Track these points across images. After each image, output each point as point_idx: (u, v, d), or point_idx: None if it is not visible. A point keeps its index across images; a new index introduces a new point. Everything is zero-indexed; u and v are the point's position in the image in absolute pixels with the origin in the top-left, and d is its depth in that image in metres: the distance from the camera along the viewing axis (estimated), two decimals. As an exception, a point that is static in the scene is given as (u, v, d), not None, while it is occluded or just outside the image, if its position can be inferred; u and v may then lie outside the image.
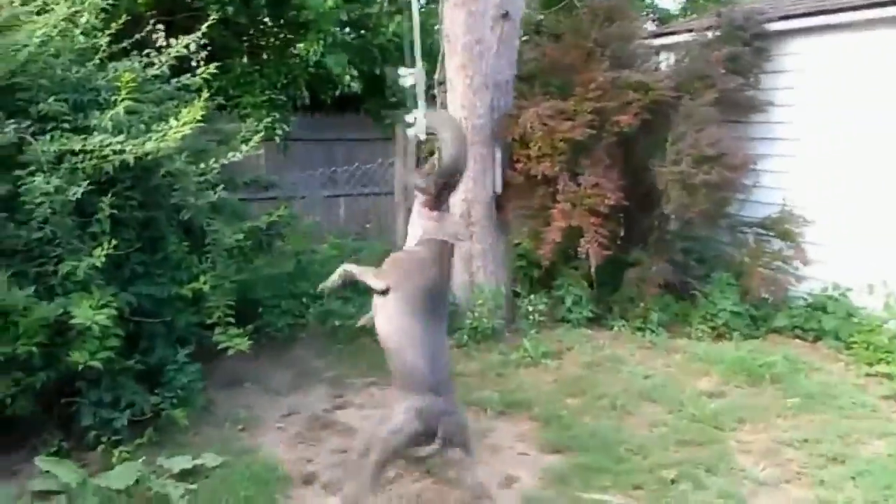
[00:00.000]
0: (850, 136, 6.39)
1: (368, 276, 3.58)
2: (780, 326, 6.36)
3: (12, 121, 3.85)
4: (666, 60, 7.70)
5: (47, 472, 3.70)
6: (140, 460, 3.92)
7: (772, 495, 3.92)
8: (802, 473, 4.14)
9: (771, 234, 6.48)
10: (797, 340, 6.26)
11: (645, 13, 12.64)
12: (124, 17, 4.92)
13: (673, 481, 3.99)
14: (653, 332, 6.27)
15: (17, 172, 3.79)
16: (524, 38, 7.08)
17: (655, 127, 6.30)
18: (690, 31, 7.25)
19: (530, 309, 6.30)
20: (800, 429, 4.64)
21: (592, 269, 6.15)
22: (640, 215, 6.67)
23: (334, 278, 3.68)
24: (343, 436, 4.49)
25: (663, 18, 13.14)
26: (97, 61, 4.61)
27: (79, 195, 3.77)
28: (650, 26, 11.02)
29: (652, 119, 6.20)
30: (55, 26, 4.37)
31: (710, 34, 6.89)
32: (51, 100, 4.08)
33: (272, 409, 4.85)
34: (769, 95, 6.84)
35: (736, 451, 4.37)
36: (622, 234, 6.71)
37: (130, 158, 3.86)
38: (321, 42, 8.37)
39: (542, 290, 6.66)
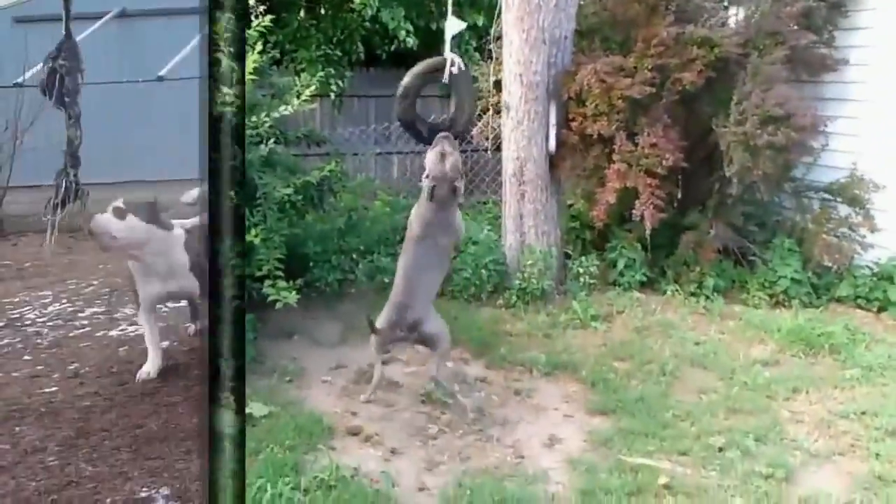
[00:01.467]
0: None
1: None
2: (843, 296, 6.10)
3: None
4: (735, 15, 7.36)
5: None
6: (190, 406, 4.05)
7: (823, 467, 3.81)
8: (857, 446, 4.00)
9: (838, 199, 6.20)
10: (860, 311, 6.01)
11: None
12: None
13: (720, 449, 3.91)
14: (707, 297, 6.09)
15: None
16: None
17: (720, 85, 6.04)
18: (762, -17, 6.89)
19: (581, 271, 6.20)
20: (857, 401, 4.48)
21: (647, 232, 5.98)
22: (700, 177, 6.44)
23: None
24: (388, 390, 4.54)
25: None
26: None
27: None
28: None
29: (716, 77, 5.95)
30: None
31: (783, -13, 6.54)
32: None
33: (319, 362, 4.91)
34: (843, 53, 6.47)
35: (788, 422, 4.25)
36: (679, 196, 6.51)
37: (183, 110, 3.91)
38: (377, -5, 8.30)
39: (593, 251, 6.53)
